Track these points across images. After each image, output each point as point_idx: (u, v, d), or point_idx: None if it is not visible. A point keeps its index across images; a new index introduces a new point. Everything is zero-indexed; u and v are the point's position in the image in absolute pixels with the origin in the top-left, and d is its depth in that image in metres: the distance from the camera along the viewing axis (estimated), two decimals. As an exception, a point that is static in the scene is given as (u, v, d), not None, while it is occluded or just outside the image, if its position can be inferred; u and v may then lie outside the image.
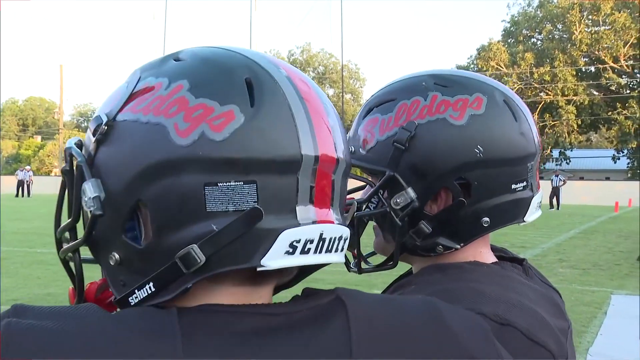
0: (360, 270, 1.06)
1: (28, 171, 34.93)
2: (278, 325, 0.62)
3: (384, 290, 1.10)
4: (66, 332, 0.56)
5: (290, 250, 0.61)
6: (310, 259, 0.63)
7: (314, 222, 0.63)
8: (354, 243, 1.03)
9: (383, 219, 0.99)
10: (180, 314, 0.60)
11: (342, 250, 0.67)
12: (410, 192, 0.95)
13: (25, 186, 33.65)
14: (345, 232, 0.67)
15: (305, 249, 0.62)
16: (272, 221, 0.61)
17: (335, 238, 0.65)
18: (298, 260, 0.62)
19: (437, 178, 0.94)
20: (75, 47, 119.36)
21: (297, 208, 0.62)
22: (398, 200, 0.95)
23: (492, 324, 0.80)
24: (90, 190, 0.64)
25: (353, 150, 0.99)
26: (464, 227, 0.97)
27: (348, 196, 1.23)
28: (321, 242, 0.63)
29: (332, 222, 0.65)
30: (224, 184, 0.60)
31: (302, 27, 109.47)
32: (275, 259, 0.61)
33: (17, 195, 33.76)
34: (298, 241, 0.62)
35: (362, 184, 1.15)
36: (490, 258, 1.02)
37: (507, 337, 0.80)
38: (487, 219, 0.97)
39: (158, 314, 0.60)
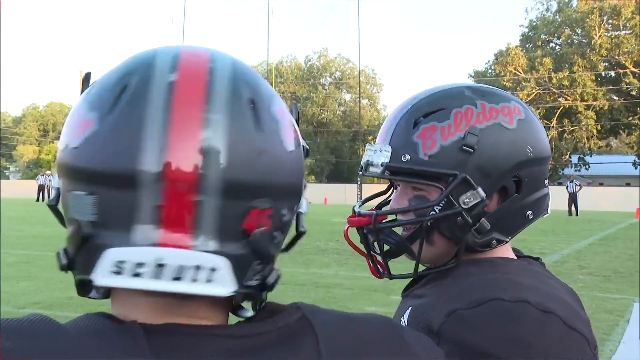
0: (416, 274, 1.09)
1: (49, 176, 35.31)
2: (251, 347, 0.61)
3: (409, 285, 1.14)
4: (37, 352, 0.54)
5: (117, 270, 0.58)
6: (146, 284, 0.58)
7: (153, 245, 0.59)
8: (406, 248, 1.07)
9: (443, 221, 1.03)
10: (146, 333, 0.59)
11: (208, 281, 0.60)
12: (481, 192, 1.01)
13: (46, 191, 34.09)
14: (211, 262, 0.60)
15: (135, 272, 0.58)
16: (105, 237, 0.59)
17: (189, 267, 0.59)
18: (128, 282, 0.58)
19: (499, 177, 1.03)
20: (95, 53, 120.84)
21: (137, 227, 0.59)
22: (467, 200, 1.01)
23: (535, 311, 0.89)
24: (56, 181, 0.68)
25: (409, 157, 1.03)
26: (513, 221, 1.07)
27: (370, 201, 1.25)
28: (161, 268, 0.58)
29: (187, 248, 0.59)
30: (75, 192, 0.61)
31: (320, 32, 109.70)
32: (102, 276, 0.59)
33: (37, 200, 34.27)
34: (124, 262, 0.58)
35: (379, 189, 1.22)
36: (513, 255, 1.11)
37: (549, 323, 0.89)
38: (530, 212, 1.08)
39: (123, 332, 0.59)
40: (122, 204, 0.59)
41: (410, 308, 1.03)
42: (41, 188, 34.28)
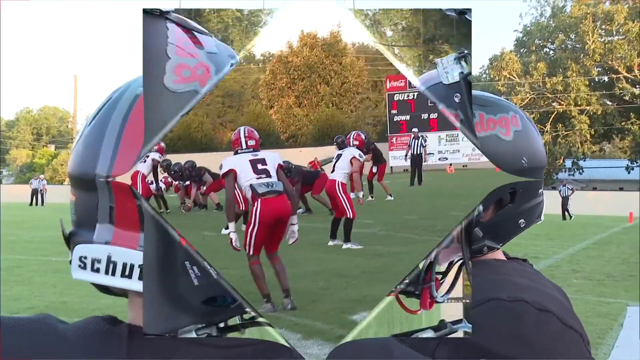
0: None
1: (42, 180, 35.12)
2: (228, 356, 0.63)
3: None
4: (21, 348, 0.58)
5: (81, 264, 0.64)
6: (102, 279, 0.63)
7: (106, 243, 0.63)
8: None
9: None
10: (131, 335, 0.62)
11: None
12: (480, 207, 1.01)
13: (39, 195, 33.90)
14: None
15: (95, 268, 0.63)
16: (78, 235, 0.65)
17: (135, 265, 0.62)
18: (91, 276, 0.63)
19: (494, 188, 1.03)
20: (89, 58, 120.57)
21: (97, 226, 0.63)
22: None
23: (533, 310, 0.92)
24: None
25: None
26: (506, 230, 1.09)
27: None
28: (111, 265, 0.62)
29: (134, 248, 0.62)
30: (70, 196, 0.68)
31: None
32: (73, 270, 0.64)
33: (31, 204, 34.04)
34: (85, 258, 0.63)
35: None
36: (503, 257, 1.14)
37: (545, 321, 0.91)
38: (522, 220, 1.09)
39: (110, 334, 0.63)
40: (89, 205, 0.64)
41: None
42: (34, 192, 34.00)
